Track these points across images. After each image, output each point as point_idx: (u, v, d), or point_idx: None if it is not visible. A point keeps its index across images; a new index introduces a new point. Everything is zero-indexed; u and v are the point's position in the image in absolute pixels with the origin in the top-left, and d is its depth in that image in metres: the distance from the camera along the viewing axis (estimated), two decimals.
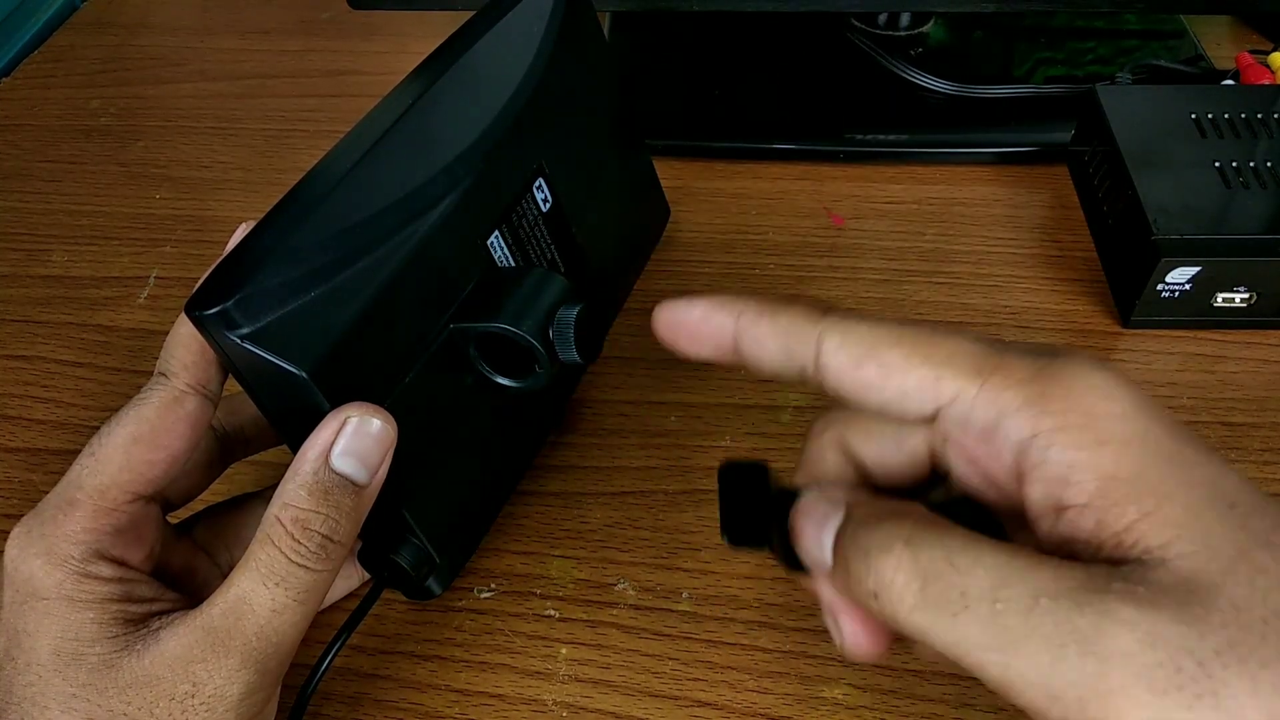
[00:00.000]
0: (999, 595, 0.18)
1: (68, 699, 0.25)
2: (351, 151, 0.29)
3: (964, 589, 0.18)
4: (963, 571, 0.18)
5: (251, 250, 0.27)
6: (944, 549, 0.19)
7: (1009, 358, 0.20)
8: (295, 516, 0.26)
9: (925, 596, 0.18)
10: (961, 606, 0.18)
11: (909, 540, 0.19)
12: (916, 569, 0.19)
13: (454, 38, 0.34)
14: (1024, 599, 0.17)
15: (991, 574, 0.18)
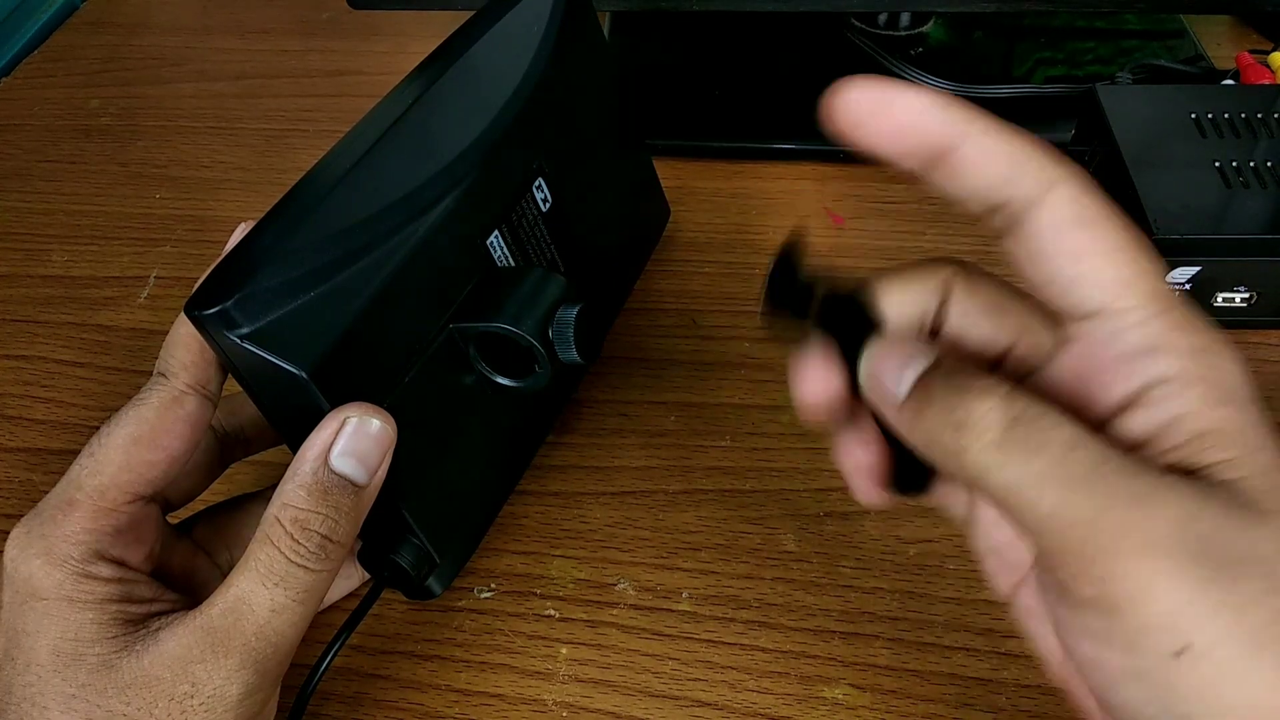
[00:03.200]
0: (1075, 446, 0.19)
1: (67, 699, 0.25)
2: (351, 151, 0.29)
3: (1047, 437, 0.19)
4: (1051, 425, 0.19)
5: (251, 250, 0.27)
6: (1038, 408, 0.20)
7: (1175, 302, 0.20)
8: (294, 517, 0.26)
9: (1010, 435, 0.20)
10: (1039, 448, 0.19)
11: (1008, 395, 0.20)
12: (1010, 410, 0.20)
13: (454, 37, 0.34)
14: (1096, 456, 0.19)
15: (1073, 435, 0.19)
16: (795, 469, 0.37)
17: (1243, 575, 0.18)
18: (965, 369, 0.21)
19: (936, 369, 0.21)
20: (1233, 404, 0.20)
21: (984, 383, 0.20)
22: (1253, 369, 0.41)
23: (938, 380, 0.21)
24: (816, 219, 0.48)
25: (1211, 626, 0.18)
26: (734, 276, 0.45)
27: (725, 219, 0.48)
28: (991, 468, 0.20)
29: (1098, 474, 0.19)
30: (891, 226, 0.47)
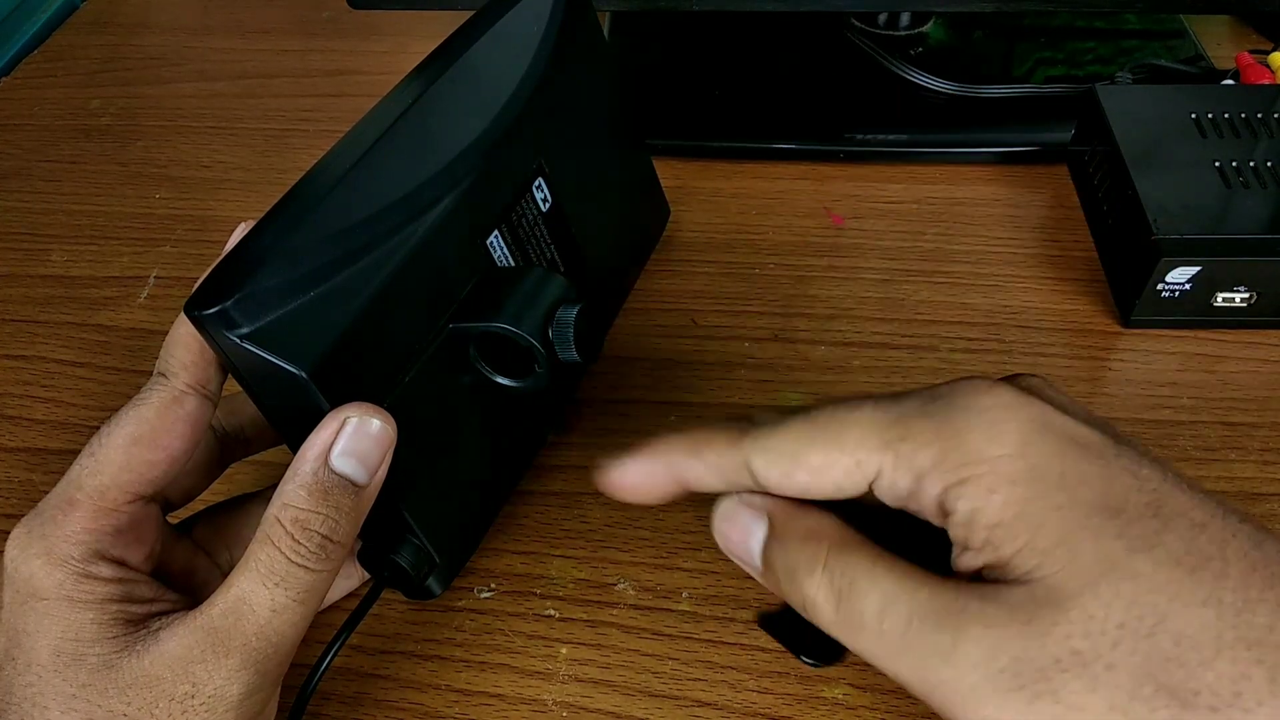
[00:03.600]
0: (885, 616, 0.21)
1: (68, 699, 0.25)
2: (351, 151, 0.29)
3: (862, 610, 0.22)
4: (861, 595, 0.22)
5: (251, 250, 0.27)
6: (851, 573, 0.22)
7: (911, 423, 0.22)
8: (295, 517, 0.26)
9: (839, 614, 0.22)
10: (861, 625, 0.22)
11: (826, 564, 0.22)
12: (831, 590, 0.22)
13: (453, 37, 0.34)
14: (902, 620, 0.21)
15: (882, 598, 0.21)
16: None
17: (1063, 685, 0.19)
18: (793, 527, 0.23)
19: (772, 539, 0.24)
20: (1000, 487, 0.21)
21: (807, 556, 0.23)
22: (1252, 369, 0.41)
23: (773, 558, 0.24)
24: (816, 219, 0.48)
25: None
26: (734, 276, 0.45)
27: (725, 219, 0.48)
28: (842, 639, 0.22)
29: (907, 639, 0.21)
30: (891, 226, 0.47)
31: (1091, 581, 0.19)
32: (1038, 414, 0.22)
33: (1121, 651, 0.19)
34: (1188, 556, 0.20)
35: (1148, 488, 0.21)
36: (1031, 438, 0.21)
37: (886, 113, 0.52)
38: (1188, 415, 0.38)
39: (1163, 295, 0.40)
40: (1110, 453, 0.21)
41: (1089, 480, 0.21)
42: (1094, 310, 0.43)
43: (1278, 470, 0.36)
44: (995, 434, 0.21)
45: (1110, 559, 0.20)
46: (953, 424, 0.22)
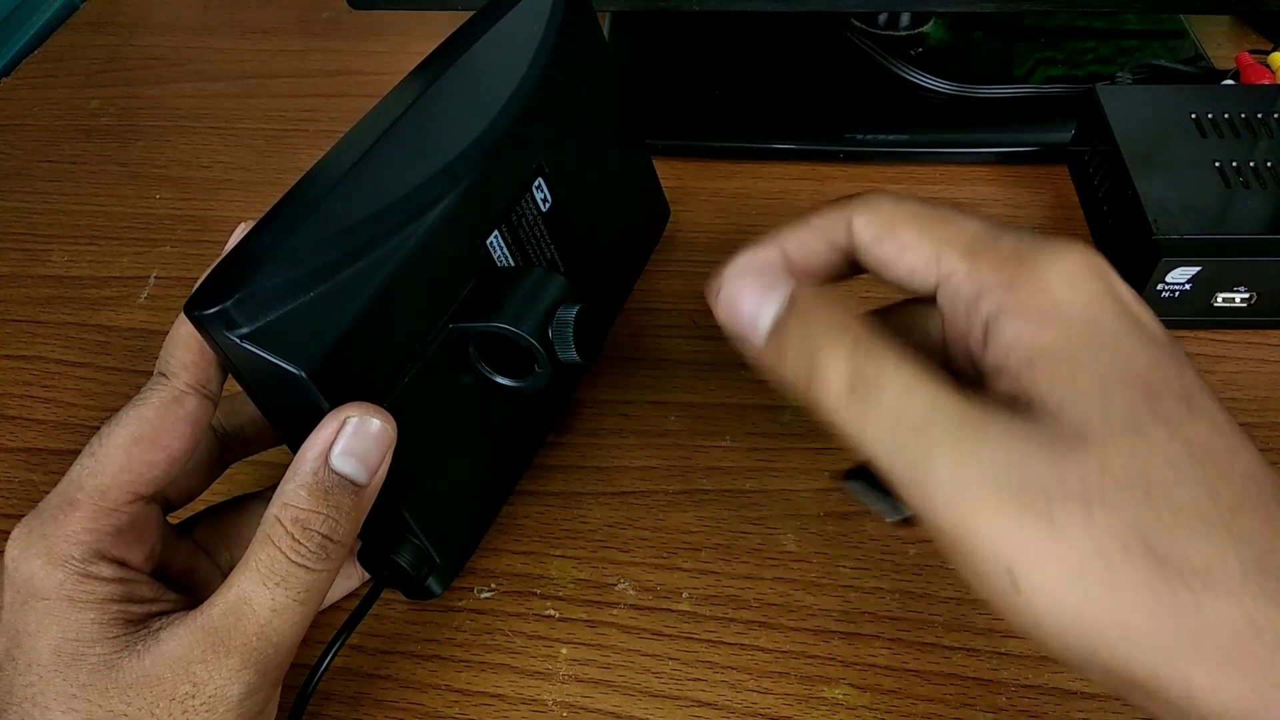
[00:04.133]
0: (906, 404, 0.21)
1: (68, 699, 0.25)
2: (351, 151, 0.29)
3: (881, 393, 0.21)
4: (886, 378, 0.21)
5: (251, 250, 0.27)
6: (879, 357, 0.22)
7: (1002, 239, 0.22)
8: (295, 516, 0.26)
9: (854, 394, 0.21)
10: (875, 407, 0.21)
11: (853, 349, 0.22)
12: (853, 368, 0.22)
13: (453, 37, 0.34)
14: (922, 411, 0.21)
15: (905, 386, 0.21)
16: (795, 469, 0.37)
17: (1061, 509, 0.19)
18: (820, 308, 0.23)
19: (793, 309, 0.23)
20: (1055, 324, 0.21)
21: (834, 333, 0.22)
22: (1253, 369, 0.41)
23: (791, 329, 0.23)
24: None
25: (1039, 559, 0.20)
26: None
27: (725, 219, 0.48)
28: (839, 421, 0.22)
29: (920, 431, 0.21)
30: None
31: (1115, 434, 0.20)
32: (1115, 286, 0.22)
33: (1123, 502, 0.20)
34: (1202, 448, 0.20)
35: (1185, 382, 0.21)
36: (1103, 300, 0.22)
37: (886, 113, 0.52)
38: None
39: (1163, 295, 0.40)
40: (1164, 343, 0.22)
41: (1139, 354, 0.21)
42: None
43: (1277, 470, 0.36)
44: (1070, 280, 0.22)
45: (1138, 422, 0.20)
46: (1036, 260, 0.22)
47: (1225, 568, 0.19)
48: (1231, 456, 0.21)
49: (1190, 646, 0.19)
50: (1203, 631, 0.19)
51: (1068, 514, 0.20)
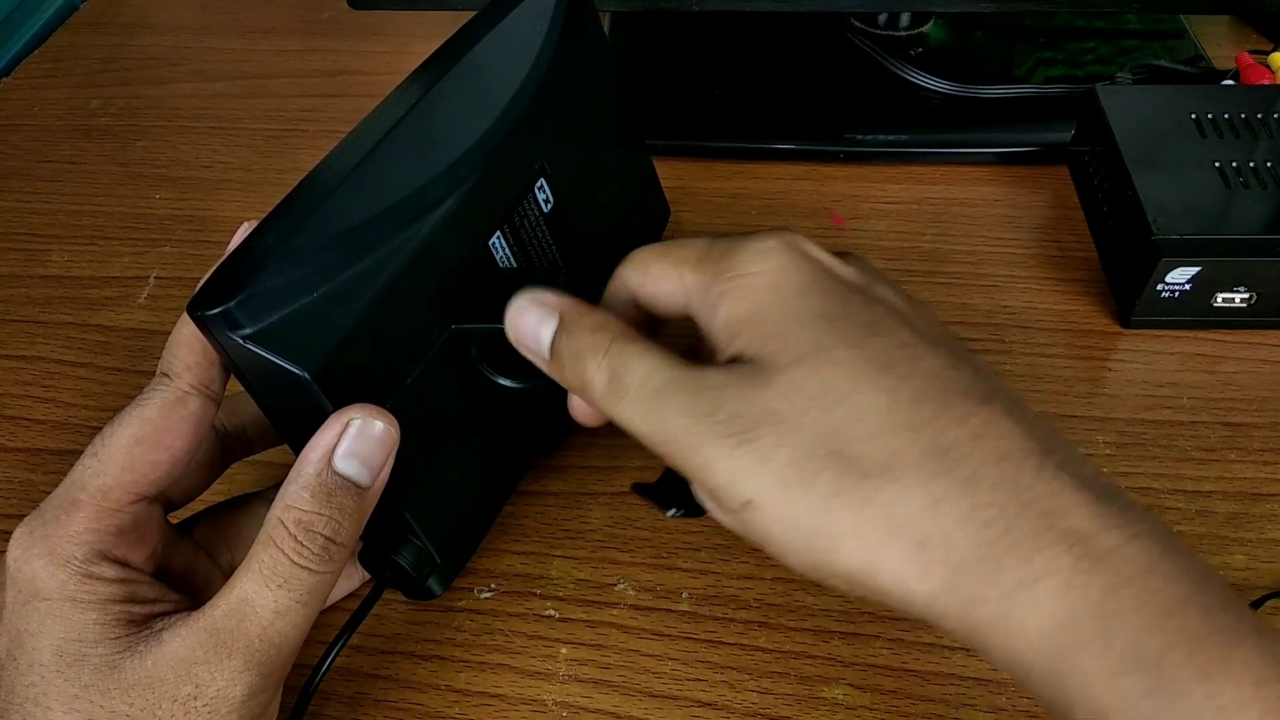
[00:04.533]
0: (645, 384, 0.24)
1: (70, 700, 0.25)
2: (353, 152, 0.29)
3: (627, 381, 0.25)
4: (630, 370, 0.25)
5: (254, 250, 0.27)
6: (627, 355, 0.25)
7: (719, 244, 0.26)
8: (298, 518, 0.26)
9: (609, 389, 0.25)
10: (624, 393, 0.25)
11: (609, 350, 0.25)
12: (609, 369, 0.25)
13: (456, 37, 0.34)
14: (656, 386, 0.24)
15: (645, 371, 0.25)
16: None
17: (759, 433, 0.23)
18: (581, 322, 0.26)
19: (561, 330, 0.26)
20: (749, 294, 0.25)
21: (594, 341, 0.26)
22: (1252, 369, 0.41)
23: (561, 346, 0.26)
24: (816, 219, 0.48)
25: (754, 480, 0.23)
26: None
27: (725, 219, 0.48)
28: (610, 413, 0.25)
29: (656, 400, 0.24)
30: (891, 226, 0.47)
31: (797, 361, 0.23)
32: (805, 249, 0.26)
33: (808, 417, 0.23)
34: (881, 358, 0.23)
35: (872, 309, 0.24)
36: (786, 263, 0.25)
37: (886, 113, 0.52)
38: (1188, 415, 0.38)
39: (1163, 295, 0.40)
40: (854, 283, 0.25)
41: (823, 294, 0.24)
42: (1094, 310, 0.43)
43: (1278, 470, 0.36)
44: (758, 255, 0.25)
45: (818, 346, 0.23)
46: (735, 250, 0.25)
47: (904, 458, 0.22)
48: (913, 362, 0.23)
49: (886, 535, 0.22)
50: (893, 520, 0.22)
51: (764, 435, 0.23)
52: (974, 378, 0.24)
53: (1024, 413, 0.23)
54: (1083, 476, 0.22)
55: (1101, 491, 0.22)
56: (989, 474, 0.22)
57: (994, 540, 0.21)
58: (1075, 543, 0.21)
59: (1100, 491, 0.22)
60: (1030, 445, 0.22)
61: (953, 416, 0.22)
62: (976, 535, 0.21)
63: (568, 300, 0.27)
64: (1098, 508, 0.21)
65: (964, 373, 0.24)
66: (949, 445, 0.22)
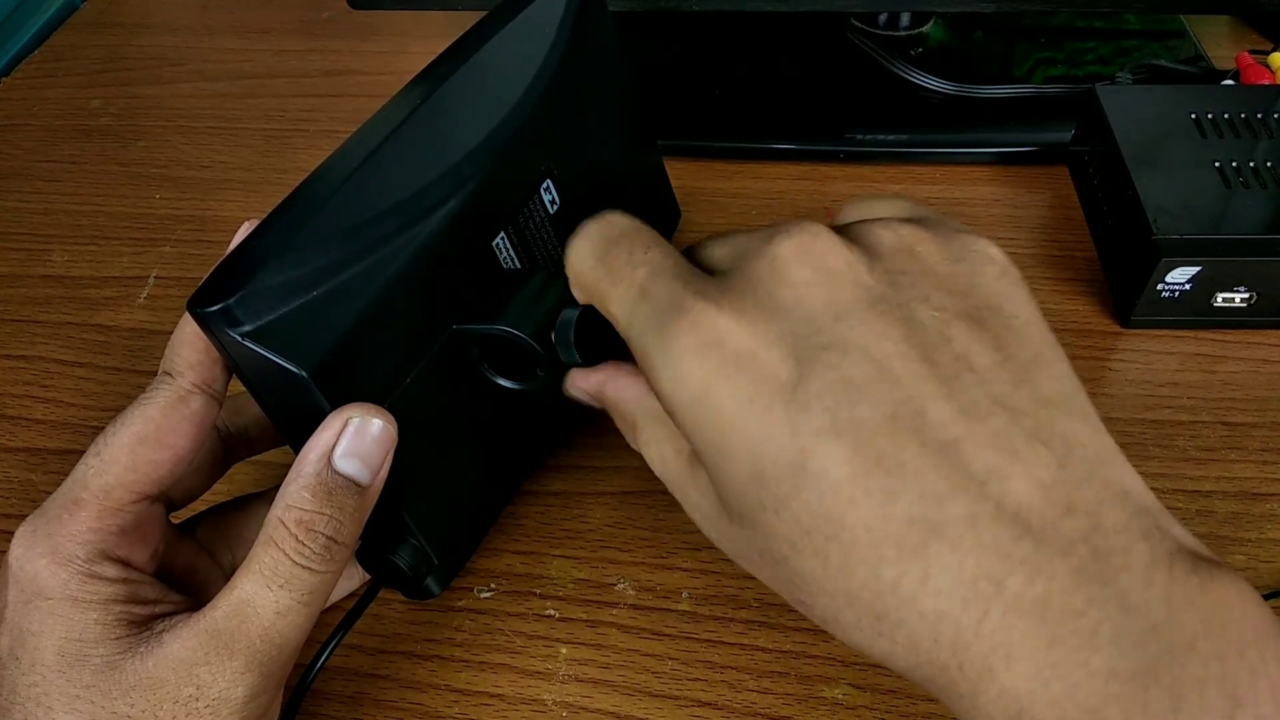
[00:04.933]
0: (663, 476, 0.26)
1: (71, 700, 0.25)
2: (357, 150, 0.29)
3: (653, 468, 0.26)
4: (650, 459, 0.26)
5: (255, 248, 0.27)
6: (641, 447, 0.26)
7: (633, 331, 0.24)
8: (299, 518, 0.26)
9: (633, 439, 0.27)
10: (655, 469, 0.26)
11: (634, 434, 0.27)
12: (639, 450, 0.27)
13: (465, 37, 0.34)
14: (669, 480, 0.26)
15: (656, 462, 0.26)
16: None
17: (742, 562, 0.24)
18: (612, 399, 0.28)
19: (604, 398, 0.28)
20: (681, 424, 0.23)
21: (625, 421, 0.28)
22: (1252, 369, 0.41)
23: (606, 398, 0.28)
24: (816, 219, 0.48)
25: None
26: None
27: (726, 219, 0.48)
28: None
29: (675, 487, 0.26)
30: None
31: (739, 519, 0.22)
32: (719, 358, 0.22)
33: (764, 565, 0.23)
34: (810, 519, 0.20)
35: (800, 442, 0.20)
36: (704, 394, 0.22)
37: (886, 113, 0.52)
38: (1188, 415, 0.38)
39: (1163, 295, 0.40)
40: (781, 397, 0.21)
41: (743, 444, 0.21)
42: (1094, 310, 0.43)
43: (1278, 470, 0.36)
44: (676, 382, 0.22)
45: (748, 512, 0.22)
46: (653, 358, 0.23)
47: (845, 620, 0.21)
48: (843, 518, 0.20)
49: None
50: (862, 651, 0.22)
51: (743, 561, 0.24)
52: (919, 505, 0.20)
53: (995, 523, 0.19)
54: (1047, 605, 0.19)
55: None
56: (924, 636, 0.20)
57: (945, 692, 0.20)
58: None
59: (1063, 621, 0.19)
60: (983, 588, 0.19)
61: (885, 578, 0.20)
62: (932, 683, 0.20)
63: (593, 381, 0.28)
64: (1051, 652, 0.18)
65: (903, 505, 0.20)
66: (882, 610, 0.20)
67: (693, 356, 0.22)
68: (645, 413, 0.26)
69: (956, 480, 0.20)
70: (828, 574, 0.21)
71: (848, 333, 0.21)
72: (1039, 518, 0.19)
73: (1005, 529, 0.19)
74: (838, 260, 0.22)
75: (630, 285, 0.24)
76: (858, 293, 0.22)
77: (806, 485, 0.20)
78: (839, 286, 0.22)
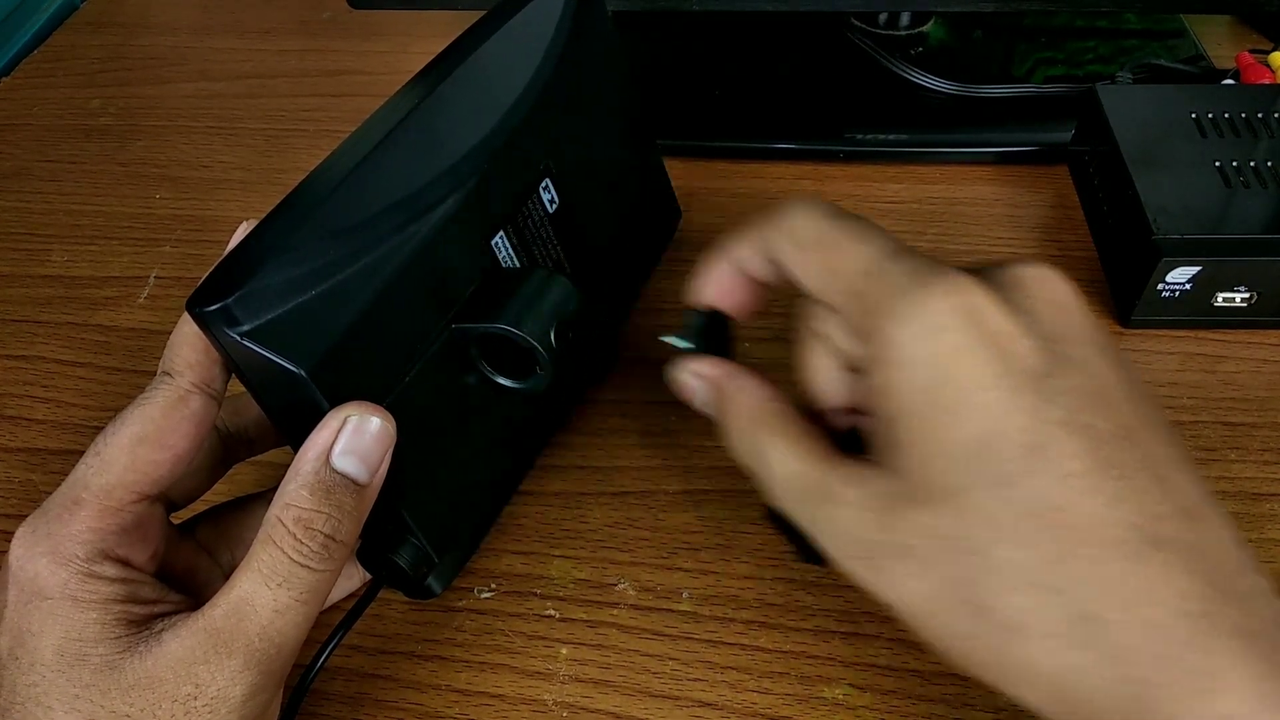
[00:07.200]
0: (782, 486, 0.26)
1: (71, 699, 0.25)
2: (356, 150, 0.29)
3: (768, 481, 0.26)
4: (769, 469, 0.26)
5: (254, 248, 0.27)
6: (760, 447, 0.26)
7: (881, 279, 0.24)
8: (297, 516, 0.26)
9: (760, 476, 0.26)
10: (769, 488, 0.26)
11: (749, 437, 0.27)
12: (753, 459, 0.27)
13: (464, 36, 0.34)
14: (792, 493, 0.25)
15: (777, 470, 0.26)
16: None
17: (893, 565, 0.23)
18: (725, 404, 0.28)
19: (712, 403, 0.28)
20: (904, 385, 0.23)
21: (735, 427, 0.27)
22: (1252, 369, 0.41)
23: (716, 417, 0.28)
24: None
25: (890, 597, 0.23)
26: None
27: (725, 219, 0.48)
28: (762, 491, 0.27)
29: (795, 507, 0.25)
30: (891, 226, 0.47)
31: (934, 500, 0.22)
32: (977, 320, 0.23)
33: (941, 561, 0.22)
34: (1029, 503, 0.21)
35: (1041, 426, 0.22)
36: (951, 352, 0.22)
37: (886, 113, 0.52)
38: (1188, 415, 0.38)
39: (1163, 295, 0.40)
40: (1030, 382, 0.22)
41: (983, 410, 0.22)
42: (1094, 310, 0.42)
43: (1278, 470, 0.36)
44: (924, 335, 0.23)
45: (959, 487, 0.22)
46: (897, 311, 0.23)
47: (1041, 621, 0.21)
48: (1076, 500, 0.21)
49: (1022, 682, 0.21)
50: (1029, 674, 0.21)
51: (895, 568, 0.23)
52: (1141, 516, 0.21)
53: (1202, 559, 0.21)
54: (1256, 639, 0.20)
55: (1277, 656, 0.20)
56: (1135, 644, 0.20)
57: (1138, 712, 0.20)
58: None
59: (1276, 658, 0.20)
60: (1195, 608, 0.20)
61: (1102, 577, 0.20)
62: (1120, 705, 0.20)
63: (716, 370, 0.28)
64: (1264, 684, 0.19)
65: (1128, 511, 0.21)
66: (1094, 612, 0.20)
67: (949, 317, 0.22)
68: (774, 413, 0.26)
69: (1175, 506, 0.21)
70: (1036, 564, 0.21)
71: (1087, 353, 0.23)
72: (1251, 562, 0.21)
73: (1227, 560, 0.21)
74: (1074, 297, 0.25)
75: (880, 245, 0.25)
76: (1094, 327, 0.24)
77: (1039, 468, 0.21)
78: (1082, 315, 0.24)
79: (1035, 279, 0.24)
